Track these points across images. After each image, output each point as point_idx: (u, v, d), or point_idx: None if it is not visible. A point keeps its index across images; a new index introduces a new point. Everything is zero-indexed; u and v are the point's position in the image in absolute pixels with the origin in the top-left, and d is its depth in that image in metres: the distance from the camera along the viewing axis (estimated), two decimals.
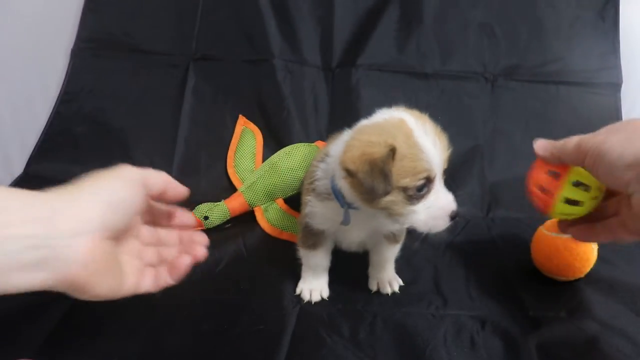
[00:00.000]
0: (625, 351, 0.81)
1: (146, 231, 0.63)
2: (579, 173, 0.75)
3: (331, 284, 0.98)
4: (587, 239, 0.87)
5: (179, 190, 0.62)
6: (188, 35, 1.56)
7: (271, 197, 1.28)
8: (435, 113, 1.47)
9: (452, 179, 1.43)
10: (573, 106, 1.48)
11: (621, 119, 1.47)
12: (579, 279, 1.00)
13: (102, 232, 0.50)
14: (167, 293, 0.93)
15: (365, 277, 1.01)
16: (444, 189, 0.78)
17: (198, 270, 1.01)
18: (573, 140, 0.74)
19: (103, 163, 1.65)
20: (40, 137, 1.52)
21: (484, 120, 1.49)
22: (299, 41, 1.54)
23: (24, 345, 0.78)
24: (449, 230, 0.84)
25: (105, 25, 1.58)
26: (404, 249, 1.13)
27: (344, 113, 1.47)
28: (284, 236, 1.20)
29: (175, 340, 0.82)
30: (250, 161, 1.40)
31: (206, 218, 1.18)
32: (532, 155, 1.13)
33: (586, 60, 1.49)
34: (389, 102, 1.50)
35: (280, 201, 1.29)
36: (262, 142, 1.46)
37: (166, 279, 0.61)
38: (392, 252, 0.98)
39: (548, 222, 1.02)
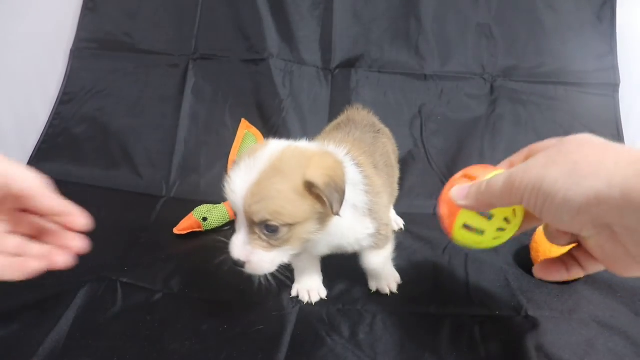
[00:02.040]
0: (624, 351, 0.81)
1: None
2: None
3: (331, 284, 0.98)
4: (552, 276, 0.69)
5: (53, 204, 0.58)
6: (188, 35, 1.57)
7: None
8: (435, 114, 1.50)
9: None
10: (571, 106, 1.49)
11: (620, 119, 1.48)
12: (578, 279, 1.01)
13: None
14: (168, 293, 0.94)
15: (365, 277, 1.01)
16: (239, 233, 0.73)
17: (198, 272, 1.02)
18: (499, 181, 0.61)
19: (103, 163, 1.64)
20: (40, 137, 1.52)
21: (483, 120, 1.50)
22: (299, 41, 1.54)
23: (25, 346, 0.78)
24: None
25: (105, 26, 1.58)
26: (404, 249, 1.13)
27: (345, 110, 1.47)
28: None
29: (176, 340, 0.82)
30: None
31: (205, 219, 1.18)
32: None
33: (584, 61, 1.50)
34: (388, 103, 1.52)
35: None
36: None
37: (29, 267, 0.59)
38: (378, 259, 0.91)
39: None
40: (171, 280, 0.99)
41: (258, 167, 0.69)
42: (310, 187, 0.68)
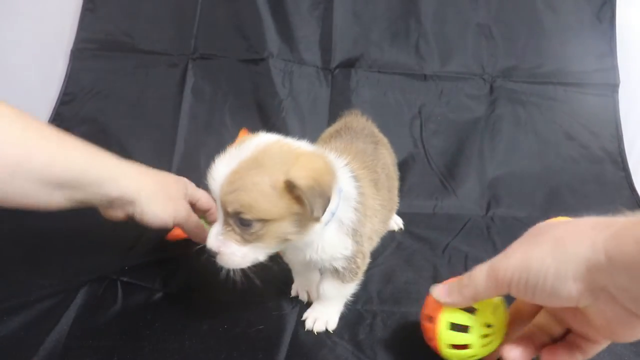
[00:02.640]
0: (624, 351, 0.81)
1: None
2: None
3: None
4: None
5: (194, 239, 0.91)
6: (187, 35, 1.57)
7: None
8: (434, 114, 1.51)
9: (452, 178, 1.44)
10: (571, 106, 1.49)
11: (619, 119, 1.49)
12: None
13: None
14: (168, 293, 0.94)
15: (366, 278, 1.00)
16: (217, 223, 0.71)
17: (198, 271, 1.02)
18: (482, 272, 0.62)
19: None
20: None
21: (483, 120, 1.50)
22: (298, 41, 1.54)
23: (25, 345, 0.78)
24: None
25: (105, 26, 1.58)
26: (404, 249, 1.13)
27: (343, 113, 1.47)
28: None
29: (176, 340, 0.82)
30: None
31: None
32: (531, 154, 1.12)
33: (583, 61, 1.51)
34: (388, 103, 1.52)
35: None
36: None
37: None
38: (333, 291, 0.83)
39: (547, 222, 1.02)
40: (171, 280, 0.99)
41: (240, 157, 0.66)
42: (290, 187, 0.64)
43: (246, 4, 1.54)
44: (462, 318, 0.68)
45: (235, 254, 0.69)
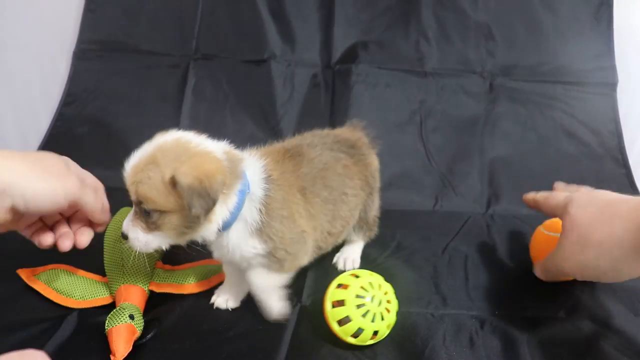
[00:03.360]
0: (624, 351, 0.81)
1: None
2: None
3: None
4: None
5: (99, 218, 0.79)
6: (188, 35, 1.57)
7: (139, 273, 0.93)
8: (435, 110, 1.50)
9: (452, 175, 1.44)
10: (570, 105, 1.50)
11: (618, 117, 1.49)
12: (578, 280, 1.01)
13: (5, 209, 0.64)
14: (168, 293, 0.95)
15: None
16: (132, 210, 0.77)
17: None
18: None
19: (105, 163, 1.65)
20: (44, 138, 1.53)
21: (483, 117, 1.50)
22: (299, 41, 1.54)
23: (27, 347, 0.78)
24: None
25: (106, 26, 1.59)
26: (403, 249, 1.14)
27: (344, 112, 1.47)
28: (214, 281, 0.98)
29: (176, 340, 0.82)
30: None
31: None
32: (531, 151, 1.10)
33: (582, 61, 1.52)
34: (388, 100, 1.52)
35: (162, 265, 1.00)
36: None
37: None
38: (260, 280, 0.84)
39: (547, 222, 1.02)
40: None
41: (144, 152, 0.74)
42: (174, 183, 0.70)
43: (247, 4, 1.54)
44: (339, 294, 0.79)
45: (139, 239, 0.76)
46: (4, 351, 0.51)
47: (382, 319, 0.78)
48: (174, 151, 0.72)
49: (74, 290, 0.90)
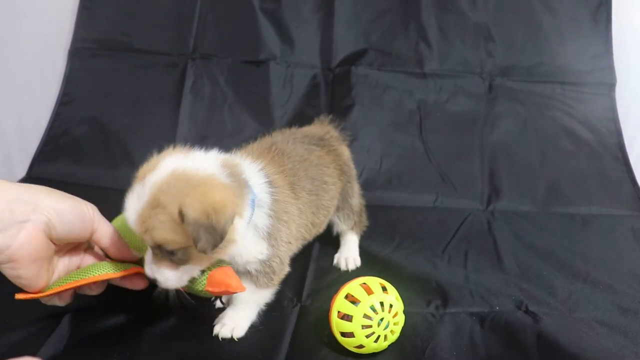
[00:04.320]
0: (624, 351, 0.81)
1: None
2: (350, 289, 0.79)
3: (331, 284, 0.99)
4: None
5: (122, 252, 0.77)
6: (186, 35, 1.56)
7: None
8: (434, 111, 1.50)
9: (452, 173, 1.45)
10: (569, 105, 1.51)
11: (617, 117, 1.51)
12: (579, 279, 1.01)
13: (44, 227, 0.65)
14: (168, 292, 0.94)
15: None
16: (148, 252, 0.74)
17: None
18: None
19: (103, 163, 1.64)
20: (42, 139, 1.52)
21: (482, 117, 1.51)
22: (299, 42, 1.54)
23: (27, 346, 0.78)
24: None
25: (102, 25, 1.58)
26: (404, 249, 1.13)
27: (344, 113, 1.47)
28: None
29: (176, 340, 0.82)
30: None
31: None
32: (531, 149, 1.10)
33: (580, 61, 1.53)
34: (387, 101, 1.52)
35: None
36: None
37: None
38: (245, 294, 0.81)
39: None
40: None
41: (143, 196, 0.69)
42: (182, 217, 0.66)
43: (246, 4, 1.54)
44: (347, 307, 0.76)
45: (170, 278, 0.73)
46: None
47: (385, 339, 0.77)
48: (175, 186, 0.68)
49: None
